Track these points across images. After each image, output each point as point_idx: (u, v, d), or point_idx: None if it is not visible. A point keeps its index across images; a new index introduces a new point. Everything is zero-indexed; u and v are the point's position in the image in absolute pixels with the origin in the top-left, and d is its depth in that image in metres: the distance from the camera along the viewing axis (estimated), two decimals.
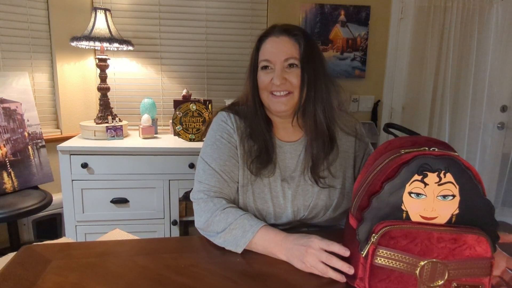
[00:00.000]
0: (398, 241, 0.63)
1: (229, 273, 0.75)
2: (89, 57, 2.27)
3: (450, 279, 0.63)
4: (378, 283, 0.65)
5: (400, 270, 0.64)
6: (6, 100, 1.88)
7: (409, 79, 2.54)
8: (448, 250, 0.63)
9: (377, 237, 0.63)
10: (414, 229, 0.63)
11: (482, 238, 0.63)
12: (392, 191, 0.64)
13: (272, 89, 0.93)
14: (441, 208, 0.64)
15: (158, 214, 1.91)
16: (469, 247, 0.63)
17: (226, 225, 0.85)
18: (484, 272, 0.63)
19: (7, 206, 1.67)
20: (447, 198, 0.63)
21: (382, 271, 0.65)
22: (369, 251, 0.64)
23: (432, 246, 0.63)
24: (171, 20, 2.30)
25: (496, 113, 2.61)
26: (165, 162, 1.86)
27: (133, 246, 0.87)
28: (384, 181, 0.65)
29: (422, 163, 0.63)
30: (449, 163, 0.62)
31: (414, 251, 0.63)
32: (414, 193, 0.64)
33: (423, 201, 0.64)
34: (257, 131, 0.97)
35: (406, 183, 0.63)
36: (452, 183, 0.63)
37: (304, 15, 2.35)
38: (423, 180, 0.63)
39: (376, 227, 0.64)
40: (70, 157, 1.79)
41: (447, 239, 0.62)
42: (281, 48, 0.93)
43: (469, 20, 2.45)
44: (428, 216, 0.64)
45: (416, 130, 2.59)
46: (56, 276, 0.72)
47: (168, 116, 2.36)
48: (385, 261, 0.64)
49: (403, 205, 0.64)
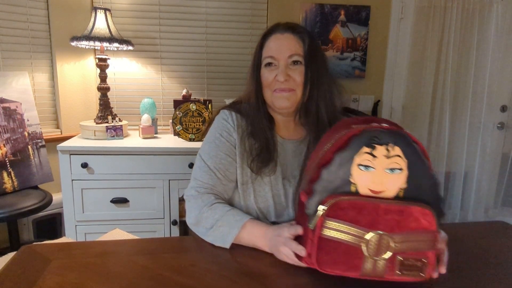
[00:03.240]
0: (346, 212, 0.64)
1: (229, 273, 0.75)
2: (89, 57, 2.27)
3: (395, 253, 0.64)
4: (325, 256, 0.65)
5: (347, 243, 0.64)
6: (6, 100, 1.87)
7: (409, 79, 2.54)
8: (394, 222, 0.63)
9: (327, 209, 0.64)
10: (361, 200, 0.64)
11: (428, 211, 0.63)
12: (342, 163, 0.65)
13: (276, 87, 0.93)
14: (389, 181, 0.65)
15: (158, 214, 1.91)
16: (415, 219, 0.63)
17: (213, 221, 0.87)
18: (428, 245, 0.64)
19: (7, 206, 1.67)
20: (395, 171, 0.64)
21: (329, 244, 0.65)
22: (317, 223, 0.65)
23: (379, 218, 0.63)
24: (171, 20, 2.30)
25: (496, 113, 2.61)
26: (165, 162, 1.86)
27: (133, 246, 0.87)
28: (335, 152, 0.66)
29: (371, 136, 0.64)
30: (397, 137, 0.64)
31: (361, 223, 0.64)
32: (363, 165, 0.65)
33: (372, 174, 0.64)
34: (259, 129, 0.97)
35: (355, 154, 0.64)
36: (400, 157, 0.64)
37: (304, 15, 2.35)
38: (371, 152, 0.64)
39: (326, 200, 0.65)
40: (70, 157, 1.79)
41: (394, 210, 0.63)
42: (285, 45, 0.92)
43: (469, 20, 2.45)
44: (377, 189, 0.65)
45: (416, 130, 2.60)
46: (56, 275, 0.72)
47: (168, 116, 2.36)
48: (333, 233, 0.64)
49: (352, 178, 0.65)
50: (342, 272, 0.66)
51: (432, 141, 2.60)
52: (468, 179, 2.71)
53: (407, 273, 0.65)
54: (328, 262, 0.66)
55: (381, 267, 0.65)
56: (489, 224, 1.06)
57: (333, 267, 0.66)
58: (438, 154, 2.62)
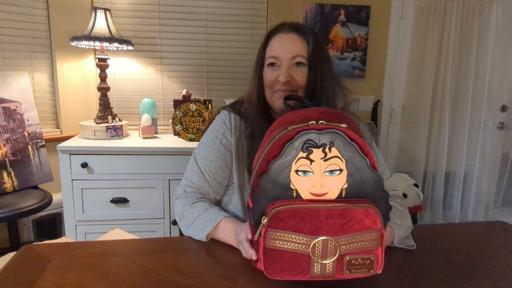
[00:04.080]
0: (286, 222, 0.62)
1: (229, 273, 0.75)
2: (89, 57, 2.27)
3: (343, 254, 0.64)
4: (273, 265, 0.65)
5: (293, 251, 0.63)
6: (6, 100, 1.87)
7: (409, 79, 2.54)
8: (337, 226, 0.62)
9: (267, 220, 0.63)
10: (301, 208, 0.62)
11: (370, 211, 0.62)
12: (279, 171, 0.63)
13: (277, 88, 0.92)
14: (330, 183, 0.63)
15: (158, 214, 1.91)
16: (357, 221, 0.62)
17: (192, 220, 0.90)
18: (375, 243, 0.64)
19: (7, 206, 1.67)
20: (335, 173, 0.62)
21: (275, 253, 0.64)
22: (261, 233, 0.64)
23: (321, 224, 0.62)
24: (171, 20, 2.30)
25: (496, 113, 2.61)
26: (165, 162, 1.86)
27: (133, 246, 0.87)
28: (271, 161, 0.63)
29: (305, 140, 0.61)
30: (333, 137, 0.61)
31: (303, 230, 0.62)
32: (300, 171, 0.62)
33: (311, 178, 0.62)
34: (258, 130, 0.96)
35: (292, 161, 0.62)
36: (338, 157, 0.62)
37: (304, 15, 2.35)
38: (308, 156, 0.62)
39: (268, 208, 0.64)
40: (70, 156, 1.79)
41: (335, 215, 0.62)
42: (289, 45, 0.91)
43: (469, 20, 2.45)
44: (318, 192, 0.63)
45: (416, 130, 2.60)
46: (56, 275, 0.72)
47: (168, 116, 2.36)
48: (277, 243, 0.63)
49: (292, 184, 0.63)
50: (291, 277, 0.65)
51: (432, 141, 2.60)
52: (468, 179, 2.72)
53: (356, 272, 0.65)
54: (276, 270, 0.65)
55: (330, 269, 0.64)
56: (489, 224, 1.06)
57: (281, 274, 0.65)
58: (438, 154, 2.62)
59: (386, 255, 0.83)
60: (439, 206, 2.69)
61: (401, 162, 2.66)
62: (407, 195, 2.29)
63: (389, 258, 0.82)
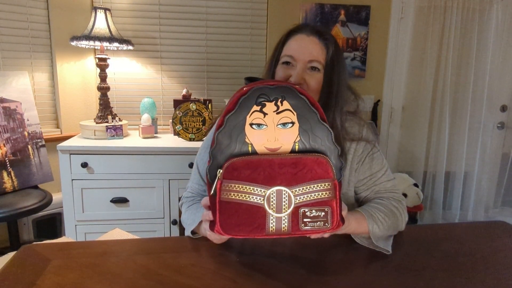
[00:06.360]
0: (241, 172, 0.64)
1: (229, 273, 0.75)
2: (89, 57, 2.27)
3: (297, 206, 0.64)
4: (228, 219, 0.65)
5: (248, 203, 0.64)
6: (6, 100, 1.87)
7: (409, 79, 2.54)
8: (290, 175, 0.64)
9: (222, 171, 0.64)
10: (255, 158, 0.64)
11: (321, 160, 0.65)
12: (234, 125, 0.65)
13: None
14: (283, 136, 0.66)
15: (158, 214, 1.91)
16: (310, 170, 0.64)
17: (186, 220, 0.95)
18: (329, 194, 0.65)
19: (7, 206, 1.67)
20: (287, 125, 0.66)
21: (231, 207, 0.65)
22: (217, 187, 0.65)
23: (275, 173, 0.64)
24: (171, 20, 2.30)
25: (496, 113, 2.61)
26: (165, 162, 1.86)
27: (133, 245, 0.87)
28: (226, 115, 0.66)
29: (259, 93, 0.65)
30: (285, 91, 0.65)
31: (258, 180, 0.64)
32: (255, 124, 0.65)
33: (265, 131, 0.65)
34: None
35: (246, 115, 0.65)
36: (290, 110, 0.65)
37: (304, 15, 2.35)
38: (262, 110, 0.65)
39: (223, 164, 0.65)
40: (70, 156, 1.79)
41: (288, 163, 0.64)
42: (308, 48, 0.89)
43: (469, 20, 2.45)
44: (272, 147, 0.66)
45: (416, 130, 2.60)
46: (55, 275, 0.72)
47: (168, 115, 2.36)
48: (232, 195, 0.64)
49: (247, 138, 0.65)
50: (247, 234, 0.65)
51: (432, 141, 2.60)
52: (468, 179, 2.71)
53: (312, 225, 0.65)
54: (231, 225, 0.65)
55: (286, 223, 0.65)
56: (489, 224, 1.06)
57: (236, 229, 0.65)
58: (438, 154, 2.62)
59: (386, 255, 0.83)
60: (439, 206, 2.69)
61: (401, 162, 2.66)
62: (407, 195, 2.29)
63: (389, 258, 0.82)
